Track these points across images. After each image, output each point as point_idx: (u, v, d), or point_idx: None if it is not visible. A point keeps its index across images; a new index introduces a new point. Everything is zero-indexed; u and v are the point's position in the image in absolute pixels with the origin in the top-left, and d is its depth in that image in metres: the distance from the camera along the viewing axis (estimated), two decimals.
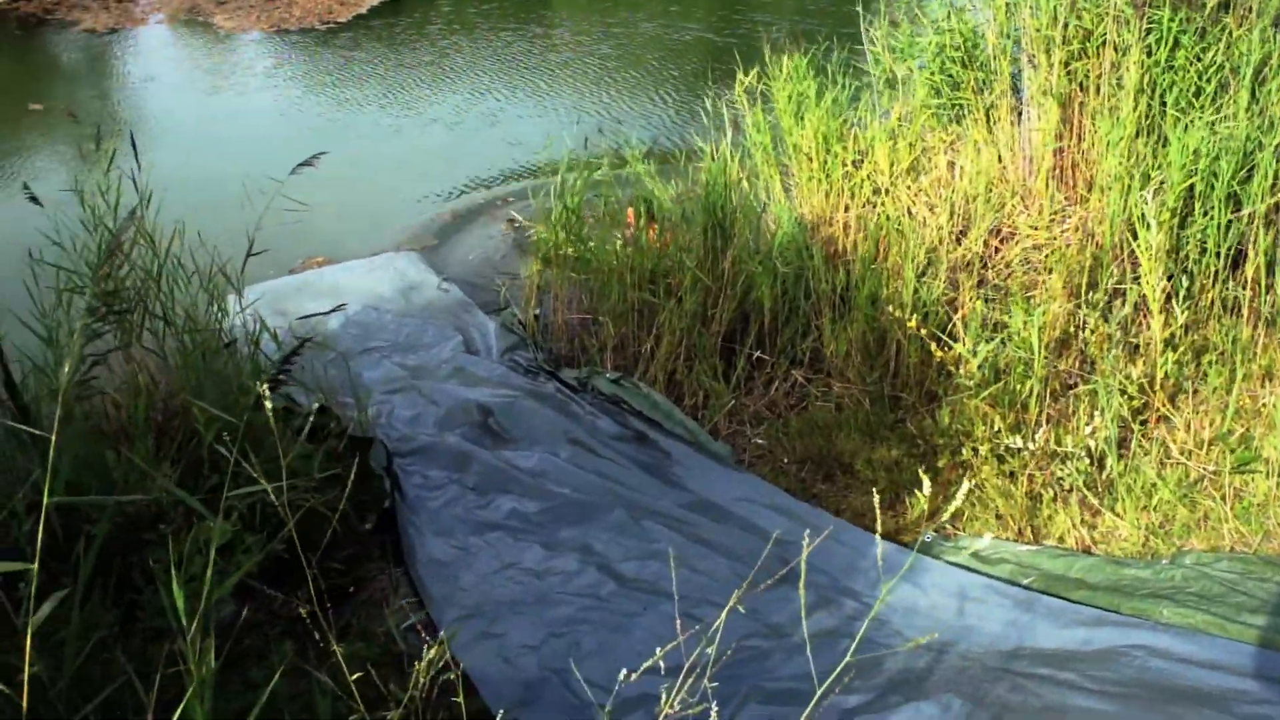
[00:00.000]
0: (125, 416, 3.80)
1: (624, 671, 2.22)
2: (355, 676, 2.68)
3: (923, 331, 4.58)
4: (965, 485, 2.42)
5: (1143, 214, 4.59)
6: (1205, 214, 4.71)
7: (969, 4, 5.73)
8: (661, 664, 2.23)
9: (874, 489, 3.51)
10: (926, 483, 2.36)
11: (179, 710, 2.36)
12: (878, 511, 2.65)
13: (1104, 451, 4.14)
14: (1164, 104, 4.95)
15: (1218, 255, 4.72)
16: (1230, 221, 4.71)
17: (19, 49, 13.87)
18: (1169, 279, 4.62)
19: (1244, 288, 4.68)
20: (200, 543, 2.75)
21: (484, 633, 3.62)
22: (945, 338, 4.59)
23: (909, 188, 5.40)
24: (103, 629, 2.95)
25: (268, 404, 2.50)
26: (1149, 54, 4.97)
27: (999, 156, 5.42)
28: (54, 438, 2.44)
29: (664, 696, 2.22)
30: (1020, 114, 5.49)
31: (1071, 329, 4.64)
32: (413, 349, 5.50)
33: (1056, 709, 3.23)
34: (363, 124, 10.61)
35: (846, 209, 5.51)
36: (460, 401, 4.91)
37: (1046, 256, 5.08)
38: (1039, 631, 3.56)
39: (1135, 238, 4.70)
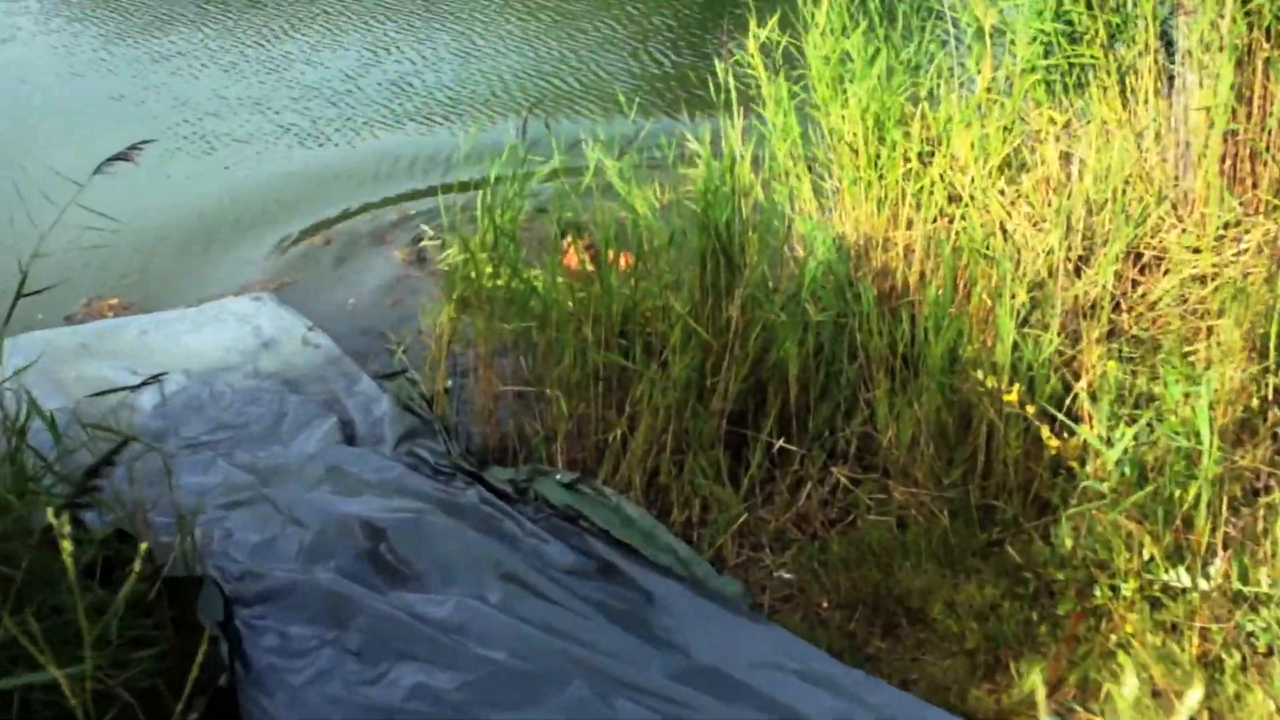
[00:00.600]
0: None
1: None
2: None
3: (1028, 408, 4.57)
4: (1103, 642, 2.37)
5: None
6: None
7: None
8: None
9: (960, 647, 3.46)
10: (1043, 639, 2.32)
11: None
12: (967, 684, 2.62)
13: None
14: None
15: None
16: None
17: None
18: None
19: None
20: None
21: None
22: (1062, 417, 4.59)
23: (1003, 193, 5.44)
24: None
25: (65, 544, 2.42)
26: None
27: (1138, 144, 5.48)
28: None
29: None
30: (1171, 80, 5.57)
31: (1257, 404, 4.64)
32: (264, 439, 5.45)
33: None
34: (194, 94, 10.66)
35: (909, 225, 5.54)
36: (335, 519, 4.84)
37: (1214, 292, 5.12)
38: None
39: None
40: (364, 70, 11.27)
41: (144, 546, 3.27)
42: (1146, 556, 4.16)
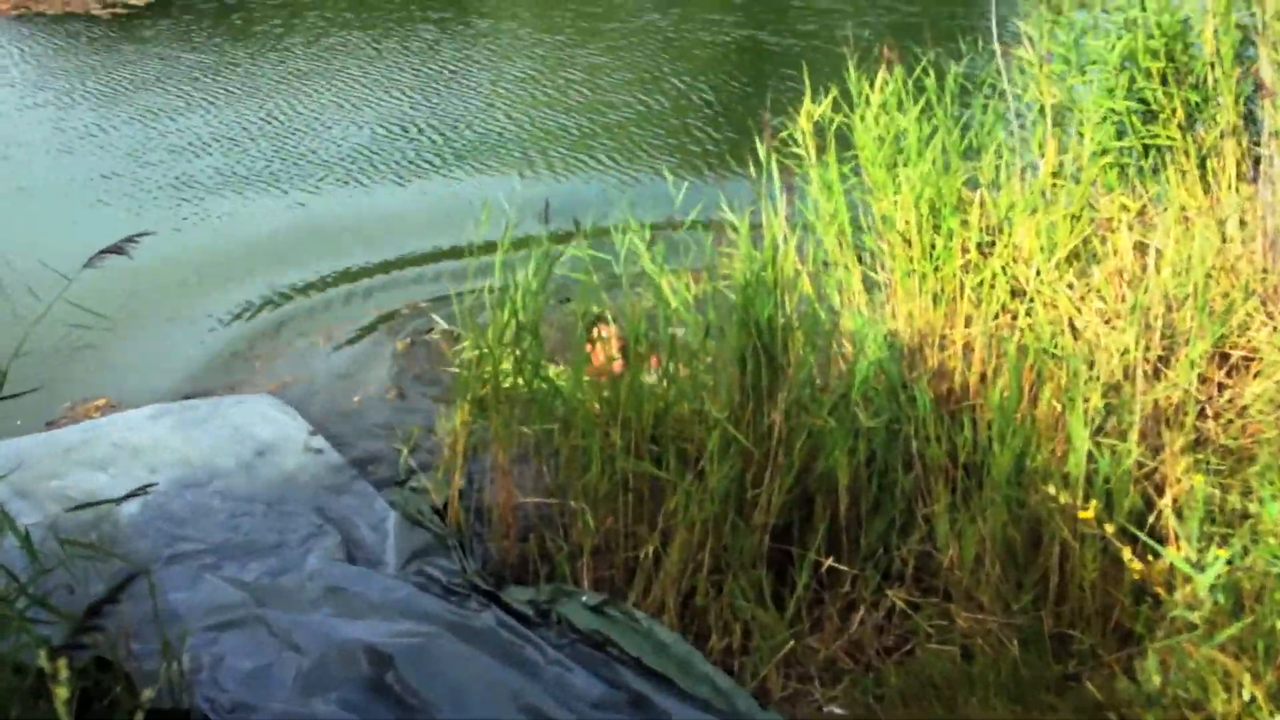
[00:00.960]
0: None
1: None
2: None
3: (1106, 527, 4.50)
4: None
5: None
6: None
7: None
8: None
9: None
10: None
11: None
12: None
13: None
14: None
15: None
16: None
17: None
18: None
19: None
20: None
21: None
22: (1145, 538, 4.49)
23: (1071, 287, 5.41)
24: None
25: (60, 692, 2.31)
26: None
27: (1221, 233, 5.47)
28: None
29: None
30: (1257, 163, 5.58)
31: None
32: (258, 553, 5.38)
33: None
34: (188, 172, 10.76)
35: (969, 322, 5.53)
36: (337, 644, 4.74)
37: None
38: None
39: None
40: (359, 149, 11.36)
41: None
42: (1247, 697, 4.02)
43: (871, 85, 5.85)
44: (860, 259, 5.96)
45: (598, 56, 14.68)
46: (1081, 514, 4.56)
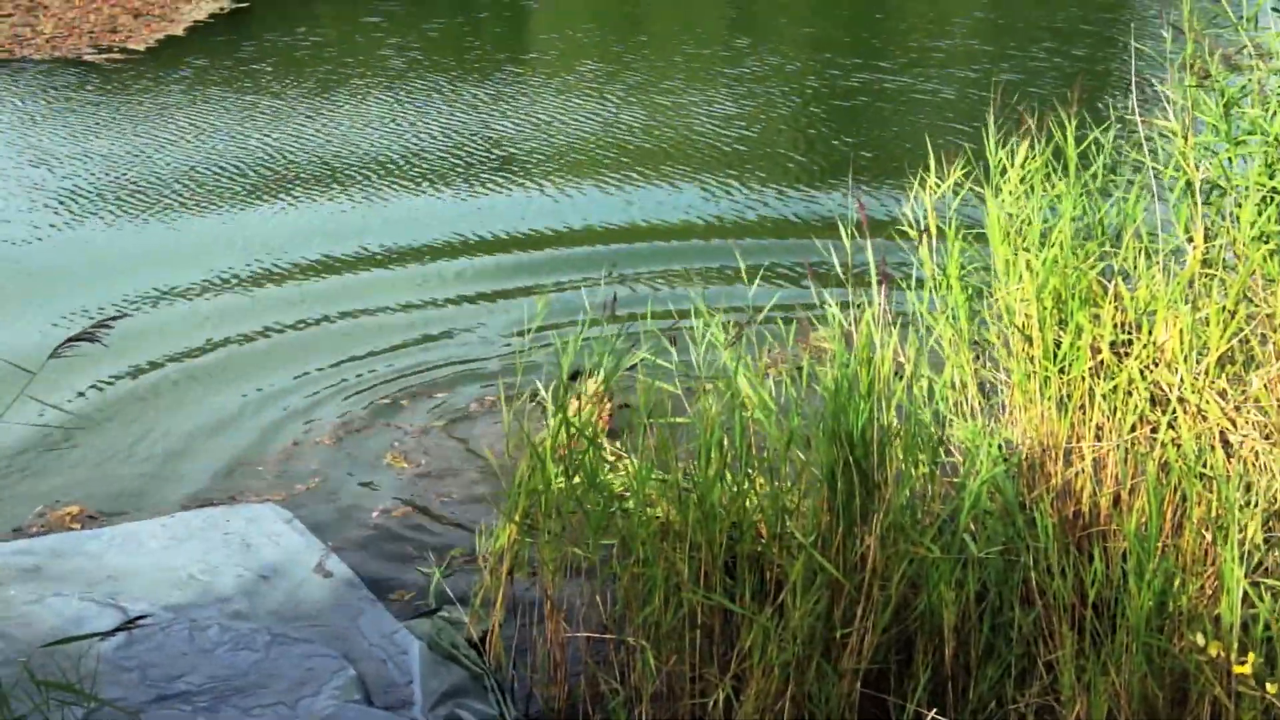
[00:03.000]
0: None
1: None
2: None
3: (1269, 686, 4.52)
4: None
5: None
6: None
7: None
8: None
9: None
10: None
11: None
12: None
13: None
14: None
15: None
16: None
17: None
18: None
19: None
20: None
21: None
22: None
23: (1224, 395, 5.44)
24: None
25: None
26: None
27: None
28: None
29: None
30: None
31: None
32: (261, 694, 5.45)
33: None
34: (177, 244, 11.01)
35: (1100, 434, 5.55)
36: None
37: None
38: None
39: None
40: (386, 225, 11.53)
41: None
42: None
43: (1008, 153, 5.91)
44: (976, 356, 5.97)
45: (645, 116, 14.94)
46: (1237, 668, 4.55)
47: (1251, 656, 4.53)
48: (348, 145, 13.76)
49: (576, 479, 5.50)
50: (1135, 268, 5.78)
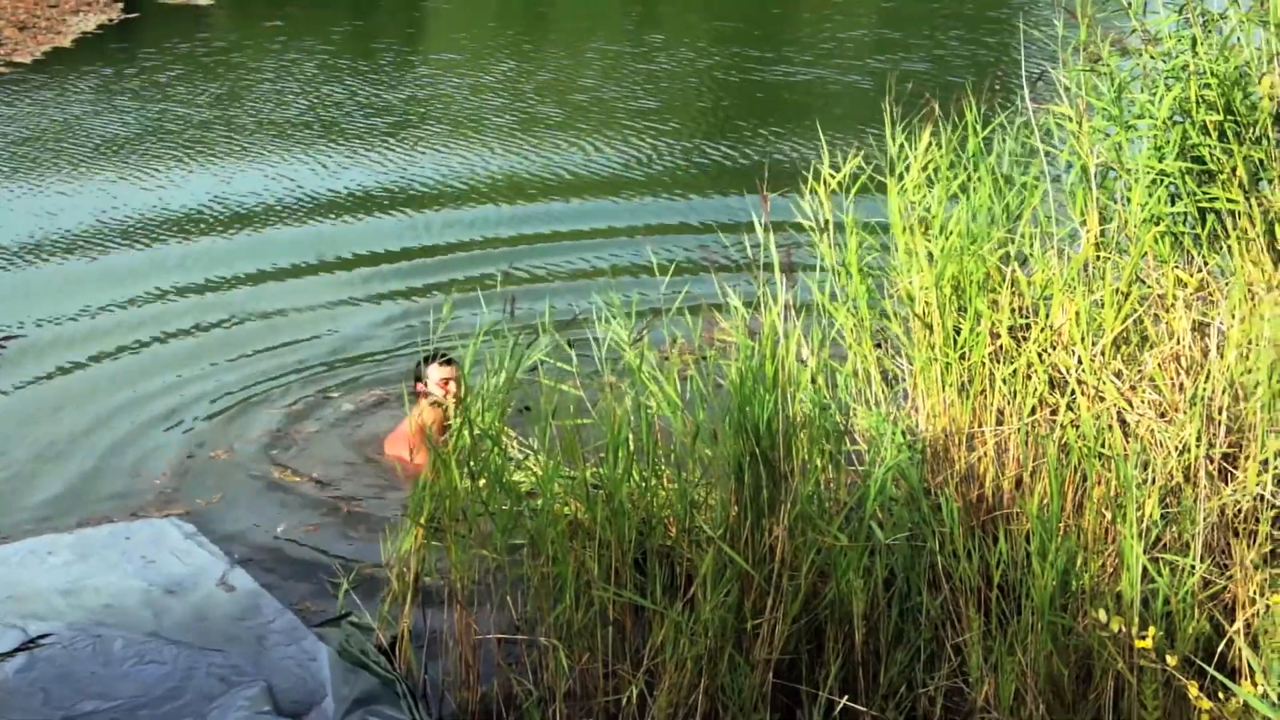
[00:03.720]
0: None
1: None
2: None
3: (1168, 658, 4.54)
4: None
5: None
6: None
7: (1216, 13, 5.95)
8: None
9: None
10: None
11: None
12: None
13: None
14: None
15: None
16: None
17: None
18: None
19: None
20: None
21: None
22: (1214, 672, 4.49)
23: (1120, 375, 5.48)
24: None
25: None
26: None
27: None
28: None
29: None
30: None
31: None
32: (171, 709, 5.39)
33: None
34: (71, 262, 10.85)
35: (1001, 418, 5.58)
36: None
37: None
38: None
39: None
40: (285, 208, 11.49)
41: None
42: None
43: (909, 142, 5.94)
44: (878, 344, 5.99)
45: (577, 88, 15.00)
46: (1139, 643, 4.57)
47: (1152, 630, 4.54)
48: (248, 147, 13.73)
49: (482, 480, 5.49)
50: (1032, 253, 5.83)
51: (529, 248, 11.06)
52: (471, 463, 5.51)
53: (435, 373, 7.58)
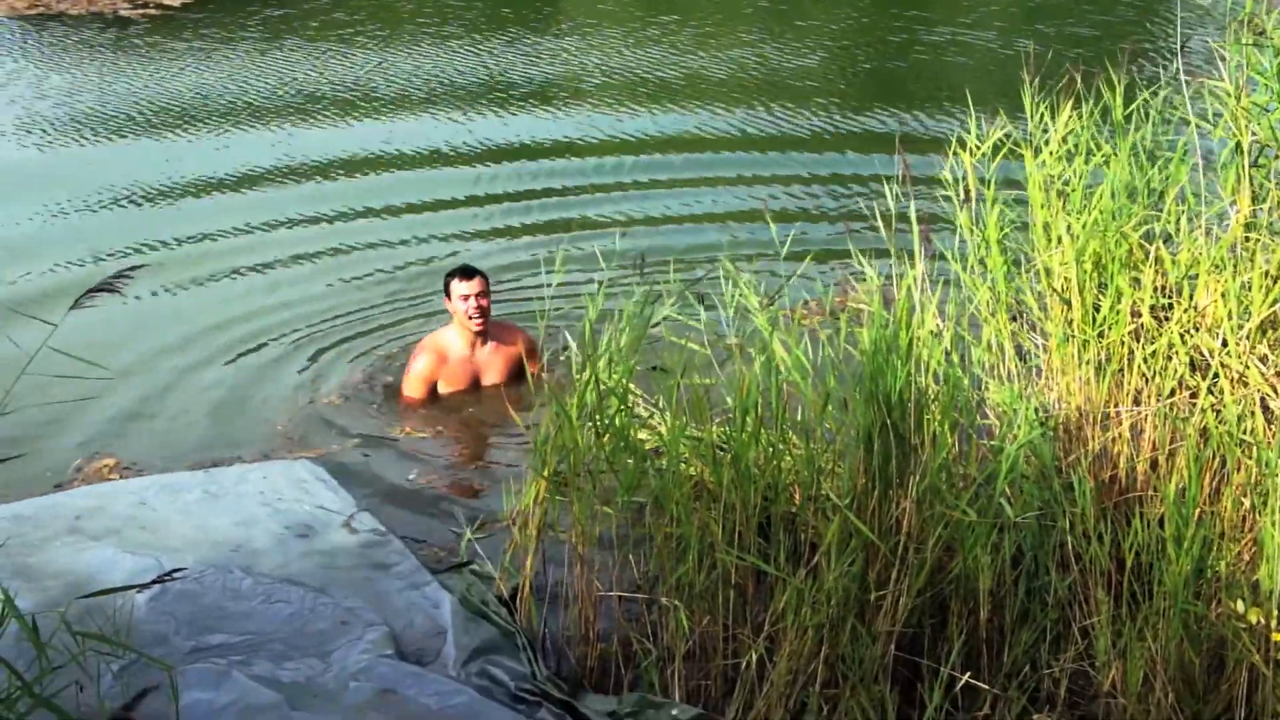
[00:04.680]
0: None
1: None
2: None
3: None
4: None
5: None
6: None
7: None
8: None
9: None
10: None
11: None
12: None
13: None
14: None
15: None
16: None
17: None
18: None
19: None
20: None
21: None
22: None
23: (1265, 360, 5.36)
24: None
25: None
26: None
27: None
28: None
29: None
30: None
31: None
32: (294, 648, 5.44)
33: None
34: (200, 210, 10.97)
35: (1138, 399, 5.49)
36: None
37: None
38: None
39: None
40: (410, 183, 11.59)
41: None
42: None
43: (1051, 113, 5.81)
44: (1014, 317, 5.90)
45: (687, 65, 15.02)
46: (1276, 635, 4.51)
47: None
48: (381, 87, 13.90)
49: (606, 437, 5.46)
50: (1178, 231, 5.71)
51: (659, 203, 11.06)
52: (597, 419, 5.49)
53: (457, 287, 7.59)
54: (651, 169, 11.96)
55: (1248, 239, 5.56)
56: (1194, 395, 5.40)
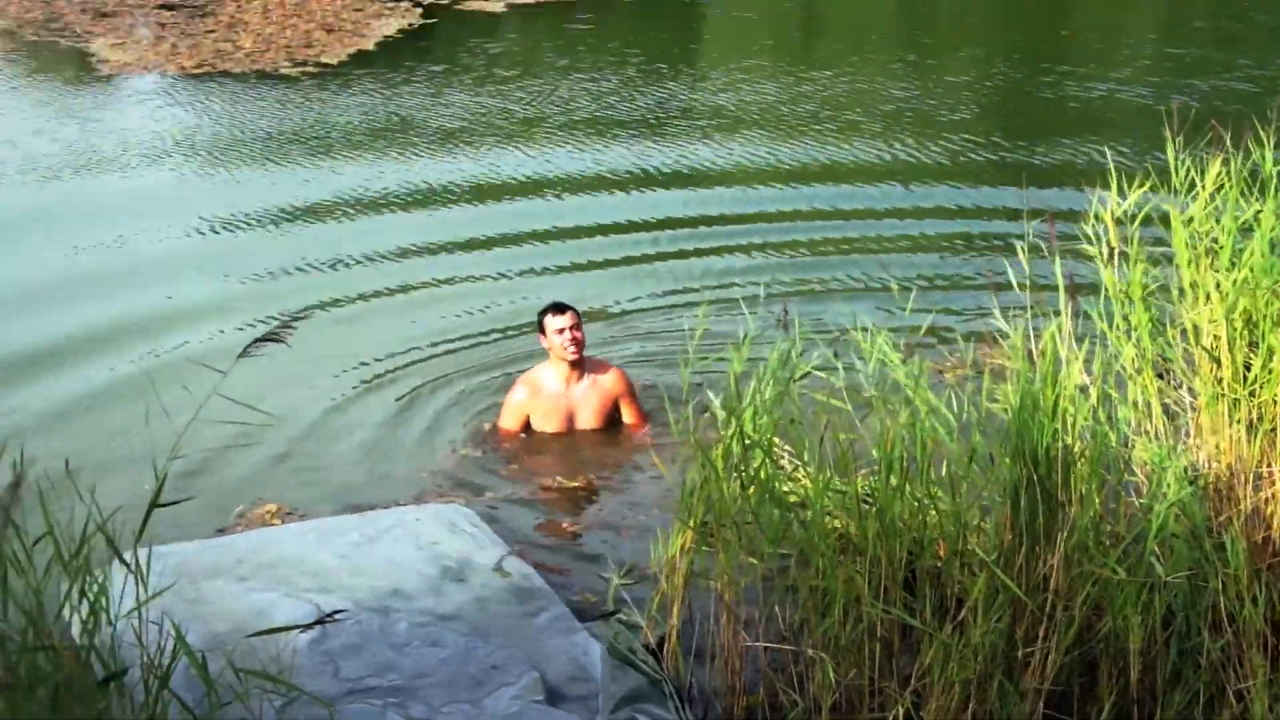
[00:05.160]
0: None
1: None
2: None
3: None
4: None
5: None
6: None
7: None
8: None
9: None
10: None
11: None
12: None
13: None
14: None
15: None
16: None
17: None
18: None
19: None
20: None
21: None
22: None
23: None
24: None
25: None
26: None
27: None
28: None
29: None
30: None
31: None
32: (447, 691, 5.47)
33: None
34: (368, 246, 11.19)
35: None
36: None
37: None
38: None
39: None
40: (565, 245, 11.73)
41: None
42: None
43: (1199, 171, 5.74)
44: (1160, 375, 5.82)
45: (835, 109, 15.13)
46: None
47: None
48: (538, 150, 14.09)
49: (751, 489, 5.46)
50: None
51: (793, 259, 11.08)
52: (742, 470, 5.49)
53: (551, 322, 7.70)
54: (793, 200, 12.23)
55: None
56: None
